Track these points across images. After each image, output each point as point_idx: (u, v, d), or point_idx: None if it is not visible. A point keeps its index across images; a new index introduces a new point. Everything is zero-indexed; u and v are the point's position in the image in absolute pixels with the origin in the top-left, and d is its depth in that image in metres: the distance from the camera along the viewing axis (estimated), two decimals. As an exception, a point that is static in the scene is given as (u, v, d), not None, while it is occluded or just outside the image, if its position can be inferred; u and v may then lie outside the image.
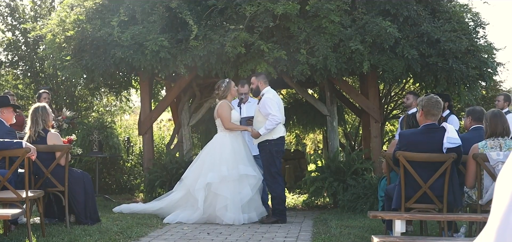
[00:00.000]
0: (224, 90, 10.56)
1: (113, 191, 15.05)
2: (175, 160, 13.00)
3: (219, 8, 11.89)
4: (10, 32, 17.30)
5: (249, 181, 10.34)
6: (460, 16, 12.32)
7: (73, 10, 13.00)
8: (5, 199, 7.87)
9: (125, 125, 19.33)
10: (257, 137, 10.29)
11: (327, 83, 12.96)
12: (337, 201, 12.25)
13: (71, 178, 9.06)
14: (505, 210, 1.19)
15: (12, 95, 12.86)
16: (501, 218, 1.18)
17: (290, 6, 11.40)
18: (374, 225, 9.35)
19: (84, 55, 12.42)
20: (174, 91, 13.55)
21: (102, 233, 8.30)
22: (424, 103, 7.31)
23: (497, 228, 1.18)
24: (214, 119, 10.85)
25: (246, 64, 11.89)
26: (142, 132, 13.69)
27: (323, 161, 13.30)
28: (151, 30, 11.84)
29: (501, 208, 1.20)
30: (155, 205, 10.85)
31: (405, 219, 6.83)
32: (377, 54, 11.60)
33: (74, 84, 16.85)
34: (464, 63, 11.68)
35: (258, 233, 9.14)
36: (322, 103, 13.52)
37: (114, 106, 19.60)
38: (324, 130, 16.90)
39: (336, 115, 13.53)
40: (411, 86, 15.20)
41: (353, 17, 11.81)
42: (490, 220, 1.23)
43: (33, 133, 8.99)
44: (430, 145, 7.24)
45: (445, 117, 10.81)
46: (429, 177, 7.29)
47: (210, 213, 10.21)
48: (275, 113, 10.08)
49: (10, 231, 8.32)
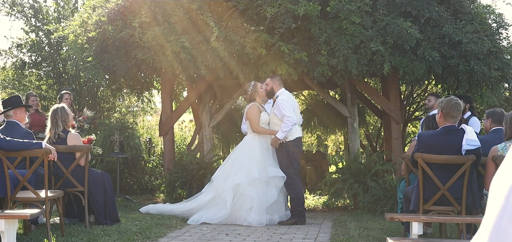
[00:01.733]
0: (251, 93, 10.63)
1: (135, 191, 15.12)
2: (195, 161, 13.02)
3: (240, 9, 11.89)
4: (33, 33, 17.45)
5: (276, 183, 10.37)
6: (483, 17, 12.20)
7: (95, 11, 13.08)
8: (25, 199, 7.95)
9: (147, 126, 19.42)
10: (276, 144, 10.32)
11: (348, 84, 12.91)
12: (357, 202, 12.22)
13: (91, 178, 9.12)
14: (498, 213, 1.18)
15: (35, 96, 13.01)
16: (494, 221, 1.18)
17: (311, 7, 11.38)
18: (393, 227, 9.30)
19: (105, 56, 12.49)
20: (195, 92, 13.58)
21: (121, 233, 8.35)
22: (444, 105, 7.26)
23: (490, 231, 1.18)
24: (234, 120, 10.87)
25: (267, 65, 11.88)
26: (163, 132, 13.74)
27: (344, 163, 13.27)
28: (172, 32, 11.87)
29: (495, 211, 1.19)
30: (185, 206, 10.87)
31: (422, 221, 6.79)
32: (398, 56, 11.54)
33: (96, 85, 16.96)
34: (486, 64, 11.58)
35: (276, 234, 9.13)
36: (343, 105, 13.47)
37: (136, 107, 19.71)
38: (345, 132, 16.84)
39: (357, 117, 13.46)
40: (433, 88, 15.10)
41: (374, 18, 11.75)
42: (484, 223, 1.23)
43: (53, 134, 9.05)
44: (449, 146, 7.19)
45: (467, 119, 10.73)
46: (448, 179, 7.24)
47: (235, 213, 10.24)
48: (290, 115, 10.12)
49: (30, 230, 8.39)
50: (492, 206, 1.20)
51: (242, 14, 11.95)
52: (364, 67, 11.57)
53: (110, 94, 17.48)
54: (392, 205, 11.04)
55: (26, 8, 17.63)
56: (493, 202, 1.21)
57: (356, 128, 13.30)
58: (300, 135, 10.63)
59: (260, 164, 10.28)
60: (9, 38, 18.18)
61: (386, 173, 12.36)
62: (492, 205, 1.21)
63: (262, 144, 10.48)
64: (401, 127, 13.71)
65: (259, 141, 10.49)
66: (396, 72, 12.08)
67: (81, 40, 12.84)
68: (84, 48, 12.79)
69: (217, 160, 13.91)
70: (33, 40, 17.30)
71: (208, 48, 11.74)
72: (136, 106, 19.56)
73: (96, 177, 9.30)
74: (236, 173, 10.28)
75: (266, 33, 11.57)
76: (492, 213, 1.19)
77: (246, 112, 10.68)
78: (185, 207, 10.81)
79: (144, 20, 12.00)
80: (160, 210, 11.02)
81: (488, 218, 1.20)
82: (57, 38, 15.45)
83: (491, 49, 11.67)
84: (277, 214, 10.42)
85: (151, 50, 11.91)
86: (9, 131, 8.31)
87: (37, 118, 12.38)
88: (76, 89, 16.63)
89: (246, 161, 10.33)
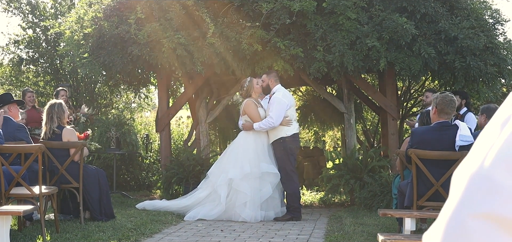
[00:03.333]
0: (247, 89, 10.65)
1: (132, 187, 15.11)
2: (192, 157, 13.01)
3: (235, 5, 11.88)
4: (31, 30, 17.44)
5: (270, 179, 10.38)
6: (479, 13, 12.19)
7: (91, 7, 13.07)
8: (19, 195, 7.96)
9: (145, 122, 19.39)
10: (248, 128, 10.47)
11: (344, 80, 12.90)
12: (354, 198, 12.22)
13: (86, 175, 9.12)
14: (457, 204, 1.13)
15: (31, 92, 13.00)
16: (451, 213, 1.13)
17: (307, 3, 11.36)
18: (389, 223, 9.31)
19: (102, 53, 12.47)
20: (191, 88, 13.57)
21: (115, 230, 8.35)
22: (439, 101, 7.27)
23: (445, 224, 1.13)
24: (231, 116, 10.90)
25: (263, 61, 11.88)
26: (159, 128, 13.73)
27: (341, 159, 13.24)
28: (168, 28, 11.87)
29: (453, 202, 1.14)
30: (181, 202, 10.88)
31: (415, 217, 6.79)
32: (394, 52, 11.53)
33: (93, 82, 16.95)
34: (482, 60, 11.57)
35: (271, 230, 9.14)
36: (340, 101, 13.48)
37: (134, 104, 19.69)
38: (342, 127, 16.82)
39: (354, 113, 13.44)
40: (431, 84, 15.08)
41: (370, 14, 11.75)
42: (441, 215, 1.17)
43: (48, 129, 9.06)
44: (443, 142, 7.20)
45: (463, 115, 10.73)
46: (442, 175, 7.25)
47: (230, 209, 10.25)
48: (273, 117, 10.24)
49: (25, 227, 8.40)
50: (451, 197, 1.15)
51: (238, 10, 11.94)
52: (360, 63, 11.56)
53: (107, 90, 17.46)
54: (389, 201, 11.03)
55: (23, 4, 17.60)
56: (453, 193, 1.16)
57: (353, 123, 13.29)
58: (297, 131, 10.67)
59: (253, 160, 10.30)
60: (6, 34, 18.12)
61: (382, 168, 12.36)
62: (451, 195, 1.16)
63: (257, 140, 10.49)
64: (398, 123, 13.69)
65: (254, 137, 10.49)
66: (392, 68, 12.08)
67: (77, 36, 12.82)
68: (81, 44, 12.78)
69: (213, 156, 13.91)
70: (30, 37, 17.28)
71: (204, 44, 11.73)
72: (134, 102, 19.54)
73: (91, 173, 9.30)
74: (229, 168, 10.30)
75: (262, 29, 11.56)
76: (450, 205, 1.14)
77: (243, 108, 10.69)
78: (181, 203, 10.82)
79: (140, 16, 11.99)
80: (156, 206, 11.02)
81: (446, 210, 1.15)
82: (54, 34, 15.43)
83: (487, 45, 11.65)
84: (273, 210, 10.43)
85: (147, 46, 11.91)
86: (2, 126, 8.43)
87: (34, 114, 12.34)
88: (74, 86, 16.62)
89: (239, 156, 10.35)
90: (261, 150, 10.47)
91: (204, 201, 10.55)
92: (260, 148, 10.47)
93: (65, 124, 9.28)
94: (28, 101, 12.51)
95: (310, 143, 20.87)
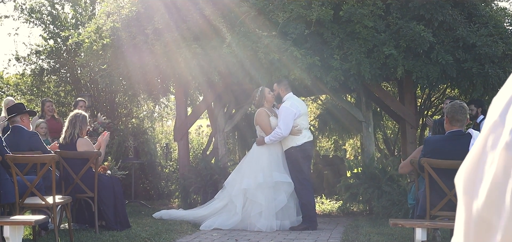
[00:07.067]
0: (259, 99, 10.66)
1: (151, 197, 15.17)
2: (210, 166, 13.03)
3: (252, 15, 11.89)
4: (52, 40, 17.57)
5: (285, 188, 10.36)
6: (497, 20, 12.08)
7: (109, 17, 13.15)
8: (33, 205, 8.02)
9: (166, 131, 19.45)
10: (262, 144, 10.47)
11: (362, 88, 12.83)
12: (372, 207, 12.15)
13: (100, 184, 9.17)
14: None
15: (50, 102, 13.10)
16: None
17: (324, 11, 11.34)
18: (405, 233, 9.23)
19: (120, 63, 12.55)
20: (210, 97, 13.60)
21: (130, 239, 8.39)
22: (448, 109, 7.22)
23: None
24: (251, 124, 10.97)
25: (279, 70, 11.86)
26: (177, 137, 13.75)
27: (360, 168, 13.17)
28: (185, 38, 11.92)
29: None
30: (197, 212, 10.90)
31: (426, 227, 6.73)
32: (411, 60, 11.47)
33: (114, 91, 17.02)
34: (501, 68, 11.47)
35: (287, 239, 9.12)
36: (358, 109, 13.40)
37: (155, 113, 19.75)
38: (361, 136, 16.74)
39: (372, 121, 13.35)
40: (451, 92, 14.96)
41: (387, 22, 11.69)
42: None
43: (68, 135, 9.14)
44: (456, 151, 7.12)
45: (479, 123, 10.64)
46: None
47: (245, 219, 10.25)
48: (282, 127, 10.23)
49: (40, 236, 8.46)
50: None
51: (254, 20, 11.94)
52: (377, 71, 11.51)
53: (127, 100, 17.55)
54: (407, 210, 10.94)
55: (45, 15, 17.75)
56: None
57: (371, 132, 13.20)
58: (308, 140, 10.58)
59: (266, 170, 10.30)
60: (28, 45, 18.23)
61: (401, 177, 12.26)
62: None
63: (270, 149, 10.48)
64: (417, 132, 13.59)
65: (267, 146, 10.48)
66: (410, 76, 12.00)
67: (96, 46, 12.91)
68: (99, 55, 12.87)
69: (232, 165, 13.90)
70: (51, 47, 17.42)
71: (221, 54, 11.74)
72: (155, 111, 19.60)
73: (105, 182, 9.35)
74: (243, 178, 10.31)
75: (278, 38, 11.55)
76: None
77: (255, 118, 10.72)
78: (198, 213, 10.84)
79: (157, 26, 12.05)
80: (173, 215, 11.04)
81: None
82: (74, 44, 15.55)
83: (506, 52, 11.55)
84: (288, 219, 10.40)
85: (165, 56, 11.95)
86: (15, 135, 8.65)
87: (54, 124, 12.43)
88: (94, 96, 16.72)
89: (253, 166, 10.36)
90: (275, 160, 10.46)
91: (220, 211, 10.56)
92: (274, 157, 10.46)
93: (84, 136, 9.36)
94: (47, 111, 12.61)
95: (330, 151, 20.81)
